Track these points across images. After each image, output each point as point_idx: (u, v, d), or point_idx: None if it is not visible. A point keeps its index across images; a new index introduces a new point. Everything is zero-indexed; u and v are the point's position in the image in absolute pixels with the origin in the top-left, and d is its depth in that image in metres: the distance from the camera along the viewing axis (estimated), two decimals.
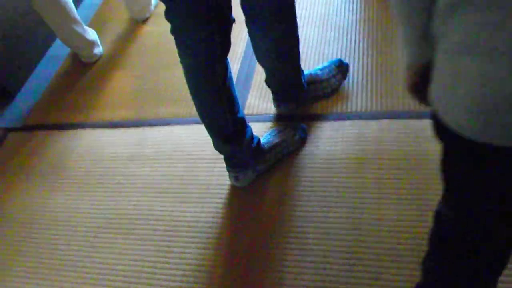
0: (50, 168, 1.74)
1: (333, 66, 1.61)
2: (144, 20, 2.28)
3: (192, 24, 1.11)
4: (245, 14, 1.27)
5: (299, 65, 1.49)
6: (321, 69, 1.61)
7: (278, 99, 1.59)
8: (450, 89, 0.58)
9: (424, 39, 0.64)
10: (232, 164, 1.41)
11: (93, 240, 1.46)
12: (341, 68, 1.62)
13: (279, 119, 1.62)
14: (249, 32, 1.34)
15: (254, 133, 1.43)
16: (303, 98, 1.57)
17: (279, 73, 1.49)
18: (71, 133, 1.84)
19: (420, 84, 0.71)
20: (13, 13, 2.12)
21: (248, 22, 1.30)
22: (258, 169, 1.44)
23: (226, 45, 1.19)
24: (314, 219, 1.32)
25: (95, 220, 1.51)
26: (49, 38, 2.31)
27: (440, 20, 0.58)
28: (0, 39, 2.05)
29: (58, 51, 2.27)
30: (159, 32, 2.18)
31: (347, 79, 1.63)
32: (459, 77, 0.56)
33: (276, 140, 1.47)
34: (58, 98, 2.03)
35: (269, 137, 1.49)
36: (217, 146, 1.39)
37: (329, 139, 1.50)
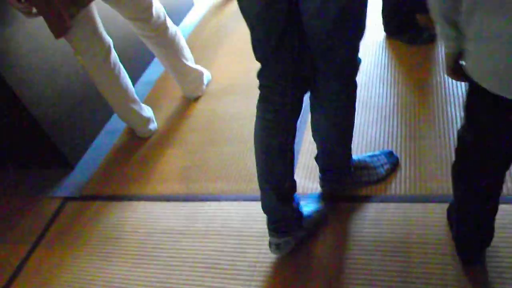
0: (105, 238, 1.83)
1: (383, 156, 1.68)
2: (196, 99, 2.44)
3: (282, 85, 1.27)
4: (311, 90, 1.39)
5: (350, 148, 1.57)
6: (370, 156, 1.68)
7: (324, 179, 1.66)
8: (477, 60, 0.91)
9: (456, 32, 0.93)
10: (276, 229, 1.46)
11: None
12: (391, 159, 1.68)
13: (324, 199, 1.68)
14: (312, 108, 1.45)
15: None
16: (349, 182, 1.63)
17: (331, 153, 1.57)
18: (125, 204, 1.96)
19: (456, 68, 1.02)
20: (77, 87, 2.32)
21: (312, 99, 1.41)
22: (298, 236, 1.51)
23: (300, 108, 1.34)
24: None
25: None
26: (108, 113, 2.50)
27: (465, 17, 0.86)
28: (66, 111, 2.24)
29: (116, 125, 2.45)
30: (210, 110, 2.33)
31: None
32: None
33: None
34: (114, 170, 2.18)
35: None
36: (269, 204, 1.45)
37: (374, 221, 1.54)
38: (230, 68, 2.60)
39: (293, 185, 1.45)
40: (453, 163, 1.20)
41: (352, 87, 1.38)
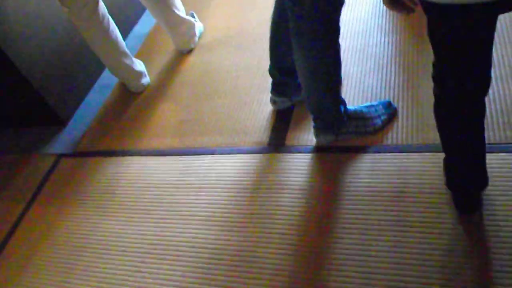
0: (100, 194, 1.83)
1: (380, 106, 1.64)
2: (189, 52, 2.38)
3: None
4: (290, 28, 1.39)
5: (337, 93, 1.54)
6: (367, 107, 1.64)
7: (316, 127, 1.63)
8: None
9: None
10: (276, 89, 1.78)
11: (140, 265, 1.53)
12: (389, 110, 1.64)
13: (318, 151, 1.65)
14: (294, 47, 1.44)
15: (294, 167, 1.50)
16: (343, 131, 1.61)
17: (314, 98, 1.54)
18: (120, 159, 1.94)
19: None
20: (66, 42, 2.26)
21: (293, 36, 1.40)
22: (294, 99, 1.79)
23: None
24: (354, 252, 1.34)
25: (143, 246, 1.58)
26: (99, 68, 2.45)
27: None
28: (56, 68, 2.19)
29: (108, 80, 2.40)
30: (203, 63, 2.27)
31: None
32: None
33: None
34: (108, 126, 2.14)
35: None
36: (272, 71, 1.74)
37: (370, 171, 1.53)
38: (223, 20, 2.51)
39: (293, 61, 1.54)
40: (434, 106, 1.16)
41: (330, 27, 1.36)
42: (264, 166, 1.69)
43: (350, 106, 1.65)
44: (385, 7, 2.11)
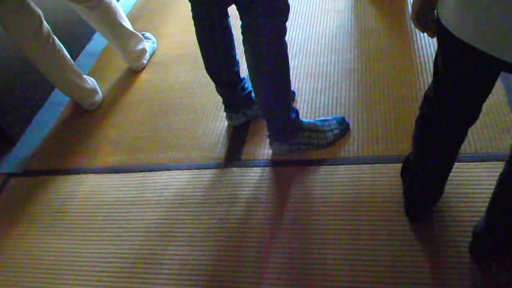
0: (52, 213, 1.77)
1: (334, 121, 1.71)
2: (142, 69, 2.37)
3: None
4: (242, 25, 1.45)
5: (283, 100, 1.59)
6: (321, 121, 1.70)
7: (269, 135, 1.68)
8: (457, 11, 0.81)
9: None
10: (229, 107, 1.82)
11: (96, 284, 1.49)
12: (342, 125, 1.71)
13: (274, 164, 1.69)
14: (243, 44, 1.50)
15: (250, 181, 1.57)
16: (295, 141, 1.66)
17: (261, 99, 1.58)
18: (73, 178, 1.90)
19: (422, 15, 0.95)
20: (16, 60, 2.20)
21: (242, 32, 1.46)
22: (248, 114, 1.83)
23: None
24: (310, 260, 1.38)
25: (98, 264, 1.54)
26: (50, 86, 2.39)
27: None
28: (4, 86, 2.12)
29: (60, 98, 2.34)
30: (157, 79, 2.28)
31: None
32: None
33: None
34: (60, 143, 2.09)
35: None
36: (217, 90, 1.78)
37: (325, 183, 1.58)
38: (178, 38, 2.54)
39: (233, 76, 1.71)
40: (417, 117, 1.18)
41: (272, 23, 1.39)
42: (221, 180, 1.70)
43: (304, 118, 1.71)
44: (335, 28, 2.22)
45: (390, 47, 2.04)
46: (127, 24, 2.24)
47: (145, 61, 2.39)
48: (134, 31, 2.29)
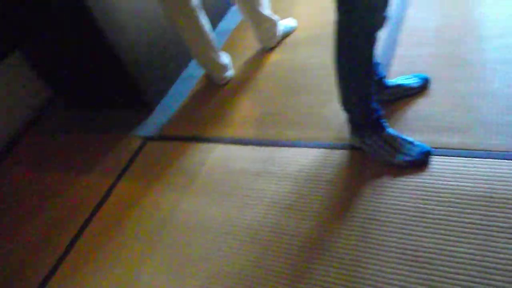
0: (183, 175, 1.91)
1: (417, 148, 1.59)
2: (271, 49, 2.44)
3: None
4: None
5: (366, 95, 1.56)
6: (406, 140, 1.61)
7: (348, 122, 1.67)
8: None
9: None
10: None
11: (223, 245, 1.58)
12: (420, 157, 1.57)
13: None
14: None
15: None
16: (366, 141, 1.63)
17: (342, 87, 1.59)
18: (203, 146, 2.02)
19: None
20: (160, 35, 2.38)
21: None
22: (380, 99, 1.69)
23: None
24: (440, 251, 1.32)
25: (224, 227, 1.63)
26: (186, 60, 2.56)
27: None
28: (148, 56, 2.32)
29: (193, 72, 2.51)
30: (284, 60, 2.33)
31: None
32: None
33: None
34: (192, 114, 2.24)
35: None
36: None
37: (457, 175, 1.50)
38: (311, 19, 2.55)
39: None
40: None
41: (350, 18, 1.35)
42: (343, 161, 1.70)
43: (392, 130, 1.63)
44: None
45: None
46: (265, 9, 2.31)
47: (274, 42, 2.45)
48: (270, 15, 2.33)
